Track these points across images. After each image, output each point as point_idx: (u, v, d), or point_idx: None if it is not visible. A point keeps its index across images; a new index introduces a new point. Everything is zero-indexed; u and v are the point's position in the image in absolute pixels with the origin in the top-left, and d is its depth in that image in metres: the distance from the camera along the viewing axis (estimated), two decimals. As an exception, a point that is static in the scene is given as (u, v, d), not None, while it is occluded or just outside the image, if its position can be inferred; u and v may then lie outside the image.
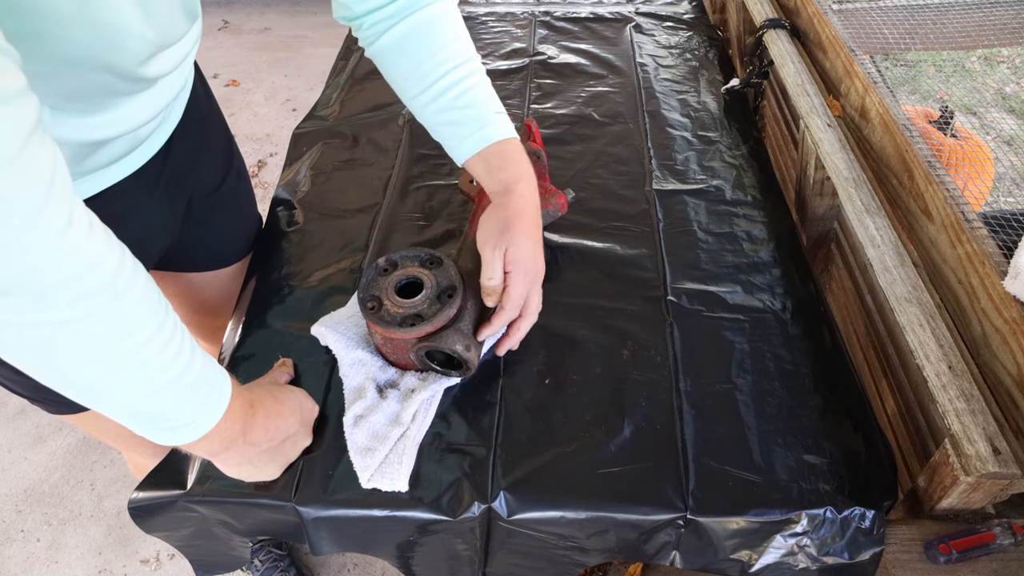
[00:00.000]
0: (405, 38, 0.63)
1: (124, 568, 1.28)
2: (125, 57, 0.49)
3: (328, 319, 0.70)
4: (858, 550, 0.59)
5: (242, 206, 0.85)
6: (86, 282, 0.37)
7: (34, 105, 0.34)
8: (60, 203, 0.35)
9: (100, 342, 0.40)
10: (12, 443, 1.47)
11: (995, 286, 0.57)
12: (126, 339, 0.41)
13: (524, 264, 0.63)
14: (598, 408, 0.65)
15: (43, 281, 0.36)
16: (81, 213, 0.37)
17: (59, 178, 0.35)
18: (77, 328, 0.38)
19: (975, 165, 1.34)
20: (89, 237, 0.37)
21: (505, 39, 1.20)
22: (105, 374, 0.41)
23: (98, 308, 0.38)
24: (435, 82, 0.63)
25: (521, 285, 0.63)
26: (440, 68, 0.63)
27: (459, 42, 0.65)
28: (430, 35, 0.63)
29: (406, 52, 0.64)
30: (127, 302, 0.40)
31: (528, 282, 0.64)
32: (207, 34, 2.88)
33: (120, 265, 0.40)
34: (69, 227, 0.36)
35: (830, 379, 0.67)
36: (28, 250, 0.34)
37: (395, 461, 0.59)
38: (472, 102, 0.64)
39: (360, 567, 1.27)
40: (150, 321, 0.42)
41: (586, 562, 0.64)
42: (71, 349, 0.39)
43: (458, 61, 0.63)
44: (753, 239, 0.82)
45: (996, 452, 0.52)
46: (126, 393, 0.43)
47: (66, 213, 0.35)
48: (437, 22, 0.63)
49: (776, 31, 1.02)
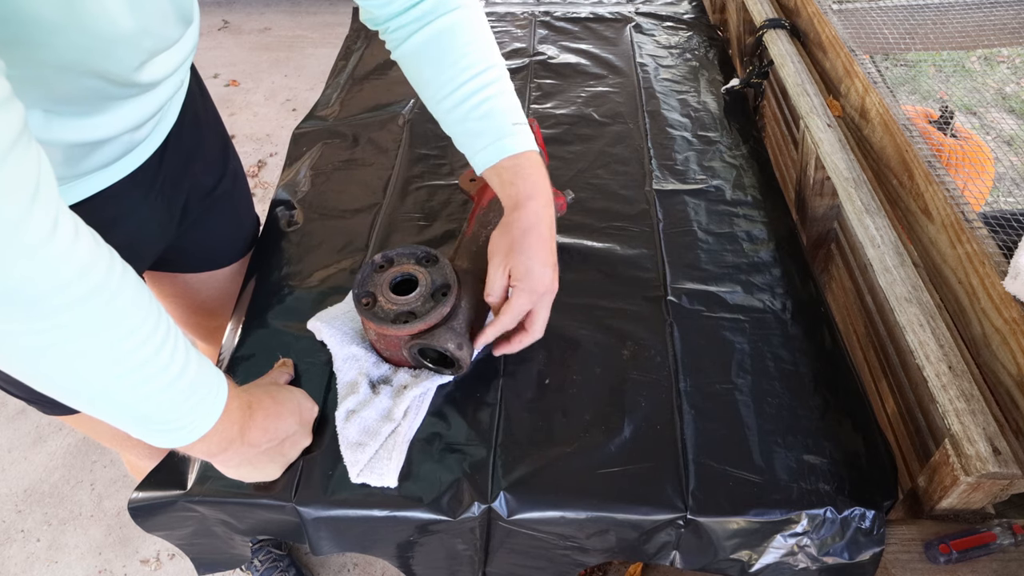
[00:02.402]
0: (427, 44, 0.63)
1: (124, 568, 1.28)
2: (117, 63, 0.49)
3: (324, 314, 0.71)
4: (858, 550, 0.59)
5: (238, 207, 0.85)
6: (75, 288, 0.37)
7: (19, 112, 0.33)
8: (45, 209, 0.35)
9: (92, 348, 0.39)
10: (12, 443, 1.47)
11: (995, 286, 0.57)
12: (118, 344, 0.40)
13: (530, 282, 0.61)
14: (598, 408, 0.65)
15: (32, 289, 0.35)
16: (66, 218, 0.36)
17: (44, 184, 0.35)
18: (68, 335, 0.38)
19: (975, 165, 1.34)
20: (75, 242, 0.37)
21: (505, 39, 1.20)
22: (99, 379, 0.41)
23: (89, 314, 0.38)
24: (453, 91, 0.62)
25: (523, 301, 0.62)
26: (459, 77, 0.62)
27: (481, 50, 0.63)
28: (452, 42, 0.62)
29: (428, 59, 0.63)
30: (118, 307, 0.40)
31: (532, 300, 0.62)
32: (207, 34, 2.88)
33: (109, 270, 0.39)
34: (54, 233, 0.35)
35: (830, 379, 0.67)
36: (14, 258, 0.34)
37: (385, 457, 0.60)
38: (489, 112, 0.62)
39: (360, 567, 1.27)
40: (143, 325, 0.41)
41: (586, 562, 0.64)
42: (63, 356, 0.39)
43: (477, 70, 0.62)
44: (753, 239, 0.82)
45: (996, 452, 0.52)
46: (121, 398, 0.43)
47: (51, 219, 0.35)
48: (460, 28, 0.63)
49: (776, 31, 1.02)
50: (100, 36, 0.45)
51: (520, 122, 0.63)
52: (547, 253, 0.62)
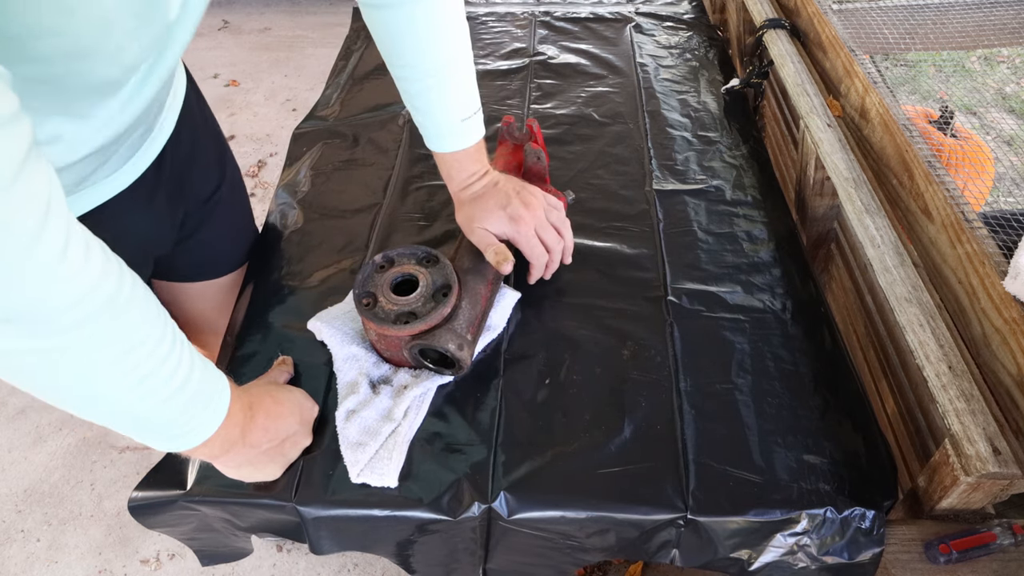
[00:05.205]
0: (387, 25, 0.63)
1: (124, 568, 1.28)
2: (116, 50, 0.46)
3: (325, 314, 0.71)
4: (858, 550, 0.59)
5: (236, 216, 0.84)
6: (87, 305, 0.36)
7: (28, 127, 0.33)
8: (57, 225, 0.34)
9: (101, 362, 0.39)
10: (12, 443, 1.47)
11: (995, 286, 0.57)
12: (126, 356, 0.40)
13: (514, 224, 0.68)
14: (598, 408, 0.65)
15: (45, 307, 0.35)
16: (77, 232, 0.36)
17: (55, 199, 0.34)
18: (79, 351, 0.37)
19: (975, 165, 1.34)
20: (87, 258, 0.36)
21: (505, 39, 1.20)
22: (105, 391, 0.41)
23: (99, 329, 0.38)
24: (401, 79, 0.67)
25: (525, 237, 0.69)
26: (407, 70, 0.65)
27: (436, 47, 0.64)
28: (413, 30, 0.62)
29: (388, 36, 0.64)
30: (128, 320, 0.39)
31: (531, 231, 0.69)
32: (207, 34, 2.88)
33: (119, 283, 0.39)
34: (67, 249, 0.35)
35: (830, 379, 0.67)
36: (28, 277, 0.33)
37: (385, 456, 0.60)
38: (429, 109, 0.67)
39: (360, 567, 1.27)
40: (150, 336, 0.41)
41: (586, 560, 0.64)
42: (72, 370, 0.38)
43: (423, 70, 0.64)
44: (753, 239, 0.82)
45: (996, 452, 0.52)
46: (126, 407, 0.42)
47: (63, 235, 0.34)
48: (421, 20, 0.62)
49: (776, 31, 1.02)
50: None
51: (464, 117, 0.67)
52: (504, 196, 0.70)
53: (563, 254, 0.74)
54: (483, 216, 0.69)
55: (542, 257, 0.71)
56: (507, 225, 0.69)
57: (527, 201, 0.70)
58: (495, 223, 0.69)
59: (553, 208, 0.73)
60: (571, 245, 0.74)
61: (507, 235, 0.70)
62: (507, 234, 0.69)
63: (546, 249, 0.71)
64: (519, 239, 0.70)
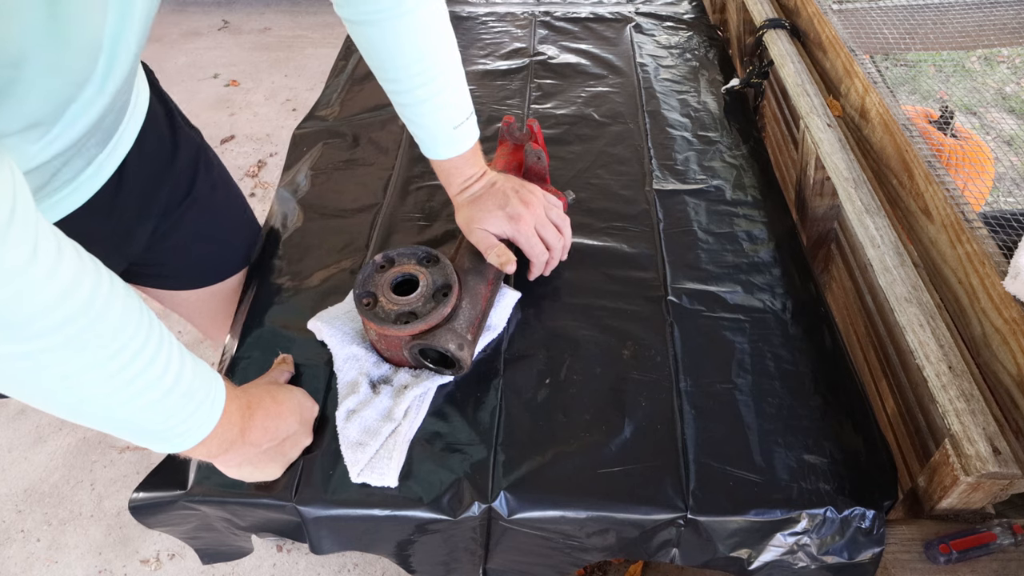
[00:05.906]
0: (372, 41, 0.63)
1: (124, 568, 1.28)
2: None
3: (325, 314, 0.71)
4: (858, 550, 0.59)
5: (222, 219, 0.81)
6: (64, 307, 0.36)
7: None
8: (24, 230, 0.33)
9: (83, 366, 0.38)
10: (12, 443, 1.47)
11: (995, 286, 0.57)
12: (110, 360, 0.39)
13: (514, 223, 0.69)
14: (598, 408, 0.65)
15: (19, 311, 0.34)
16: (47, 235, 0.35)
17: (20, 203, 0.33)
18: (57, 356, 0.37)
19: (975, 165, 1.34)
20: (58, 262, 0.35)
21: (505, 39, 1.20)
22: (92, 395, 0.40)
23: (77, 333, 0.37)
24: (390, 92, 0.67)
25: (525, 236, 0.70)
26: (395, 84, 0.65)
27: (423, 60, 0.63)
28: (398, 46, 0.62)
29: (373, 52, 0.64)
30: (107, 323, 0.39)
31: (531, 229, 0.70)
32: (207, 34, 2.88)
33: (96, 283, 0.38)
34: (35, 255, 0.34)
35: (830, 379, 0.67)
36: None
37: (385, 456, 0.60)
38: (420, 120, 0.67)
39: (360, 567, 1.27)
40: (134, 338, 0.40)
41: (586, 559, 0.64)
42: (55, 374, 0.38)
43: (411, 83, 0.64)
44: (753, 239, 0.82)
45: (996, 452, 0.52)
46: (115, 412, 0.42)
47: (31, 241, 0.33)
48: (406, 35, 0.61)
49: (776, 31, 1.02)
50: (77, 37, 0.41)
51: (456, 124, 0.67)
52: (502, 197, 0.70)
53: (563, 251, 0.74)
54: (482, 217, 0.69)
55: (542, 255, 0.71)
56: (506, 225, 0.69)
57: (526, 199, 0.70)
58: (494, 223, 0.69)
59: (552, 205, 0.73)
60: (568, 242, 0.75)
61: (507, 234, 0.70)
62: (507, 233, 0.70)
63: (546, 247, 0.71)
64: (519, 238, 0.70)
